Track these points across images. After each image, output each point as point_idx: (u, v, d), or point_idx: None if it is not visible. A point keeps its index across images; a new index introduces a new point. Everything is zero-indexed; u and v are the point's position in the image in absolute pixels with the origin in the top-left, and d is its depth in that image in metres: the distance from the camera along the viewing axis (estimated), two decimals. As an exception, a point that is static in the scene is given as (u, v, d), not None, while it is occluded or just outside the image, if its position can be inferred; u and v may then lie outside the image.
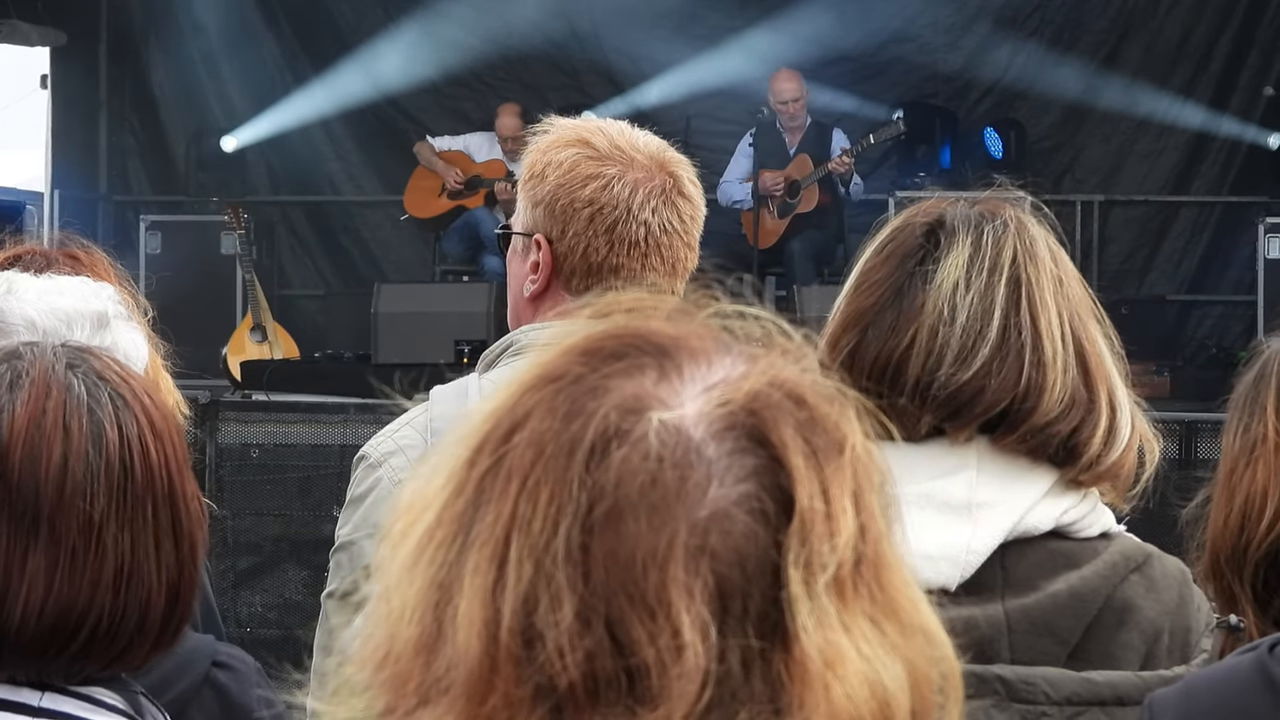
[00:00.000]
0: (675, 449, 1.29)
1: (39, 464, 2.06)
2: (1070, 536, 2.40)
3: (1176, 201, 14.86)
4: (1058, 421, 2.40)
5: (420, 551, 1.32)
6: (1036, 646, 2.33)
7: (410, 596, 1.31)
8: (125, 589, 2.07)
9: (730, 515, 1.28)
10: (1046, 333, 2.42)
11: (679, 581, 1.27)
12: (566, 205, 3.11)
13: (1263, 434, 2.50)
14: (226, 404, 10.26)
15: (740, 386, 1.32)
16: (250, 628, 9.07)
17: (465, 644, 1.28)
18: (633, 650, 1.27)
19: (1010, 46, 14.79)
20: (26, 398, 2.08)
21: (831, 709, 1.28)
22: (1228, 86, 14.65)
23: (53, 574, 2.04)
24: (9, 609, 2.03)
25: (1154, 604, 2.38)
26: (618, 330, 1.35)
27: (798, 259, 12.93)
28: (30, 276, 2.78)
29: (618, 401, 1.30)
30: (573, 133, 3.17)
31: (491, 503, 1.30)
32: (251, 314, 13.55)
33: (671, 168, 3.14)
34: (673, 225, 3.11)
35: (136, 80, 15.60)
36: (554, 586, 1.27)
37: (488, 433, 1.33)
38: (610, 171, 3.10)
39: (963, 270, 2.44)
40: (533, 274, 3.14)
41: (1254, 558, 2.45)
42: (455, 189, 13.69)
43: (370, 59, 14.96)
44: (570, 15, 14.98)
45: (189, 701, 2.46)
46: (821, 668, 1.28)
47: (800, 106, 13.23)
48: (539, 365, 1.35)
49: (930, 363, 2.41)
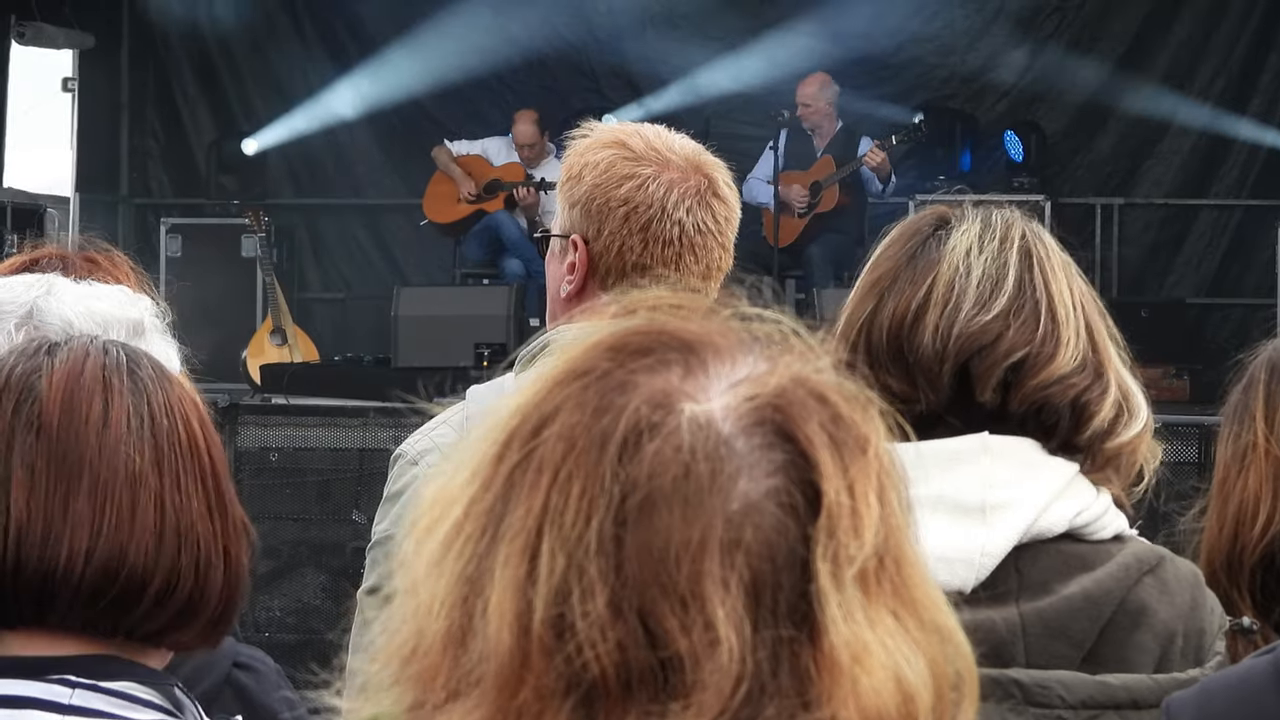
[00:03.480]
0: (706, 442, 1.30)
1: (78, 413, 2.08)
2: (1084, 539, 2.40)
3: (1196, 205, 14.83)
4: (1072, 376, 2.42)
5: (448, 546, 1.33)
6: (1051, 650, 2.34)
7: (439, 590, 1.32)
8: (180, 549, 2.09)
9: (761, 508, 1.30)
10: (1059, 296, 2.46)
11: (713, 574, 1.28)
12: (602, 205, 3.15)
13: (1252, 441, 2.52)
14: (246, 407, 10.27)
15: (766, 383, 1.33)
16: (269, 632, 9.08)
17: (496, 636, 1.28)
18: (666, 642, 1.27)
19: (1029, 49, 14.77)
20: (65, 357, 2.12)
21: (859, 702, 1.28)
22: (1247, 89, 14.62)
23: (99, 520, 2.06)
24: (53, 552, 2.05)
25: (1167, 607, 2.38)
26: (643, 327, 1.36)
27: (817, 262, 12.93)
28: (70, 281, 2.82)
29: (647, 396, 1.32)
30: (610, 135, 3.22)
31: (522, 496, 1.31)
32: (271, 317, 13.57)
33: (707, 170, 3.18)
34: (707, 226, 3.15)
35: (158, 83, 15.63)
36: (586, 578, 1.28)
37: (515, 428, 1.34)
38: (646, 172, 3.14)
39: (975, 239, 2.48)
40: (569, 274, 3.18)
41: (1249, 564, 2.47)
42: (470, 198, 13.70)
43: (391, 62, 14.97)
44: (590, 19, 15.00)
45: (211, 702, 2.46)
46: (849, 661, 1.29)
47: (815, 111, 13.24)
48: (565, 361, 1.36)
49: (949, 309, 2.44)
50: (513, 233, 13.46)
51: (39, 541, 2.05)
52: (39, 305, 2.74)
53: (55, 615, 2.08)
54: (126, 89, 15.56)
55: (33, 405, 2.09)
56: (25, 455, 2.07)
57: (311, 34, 15.49)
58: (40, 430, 2.08)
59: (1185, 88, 14.55)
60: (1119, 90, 14.56)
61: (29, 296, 2.75)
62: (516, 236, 13.41)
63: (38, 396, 2.10)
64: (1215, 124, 14.52)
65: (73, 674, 2.08)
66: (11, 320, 2.71)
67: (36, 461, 2.07)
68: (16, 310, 2.73)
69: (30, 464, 2.07)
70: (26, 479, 2.06)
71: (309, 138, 15.09)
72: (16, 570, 2.05)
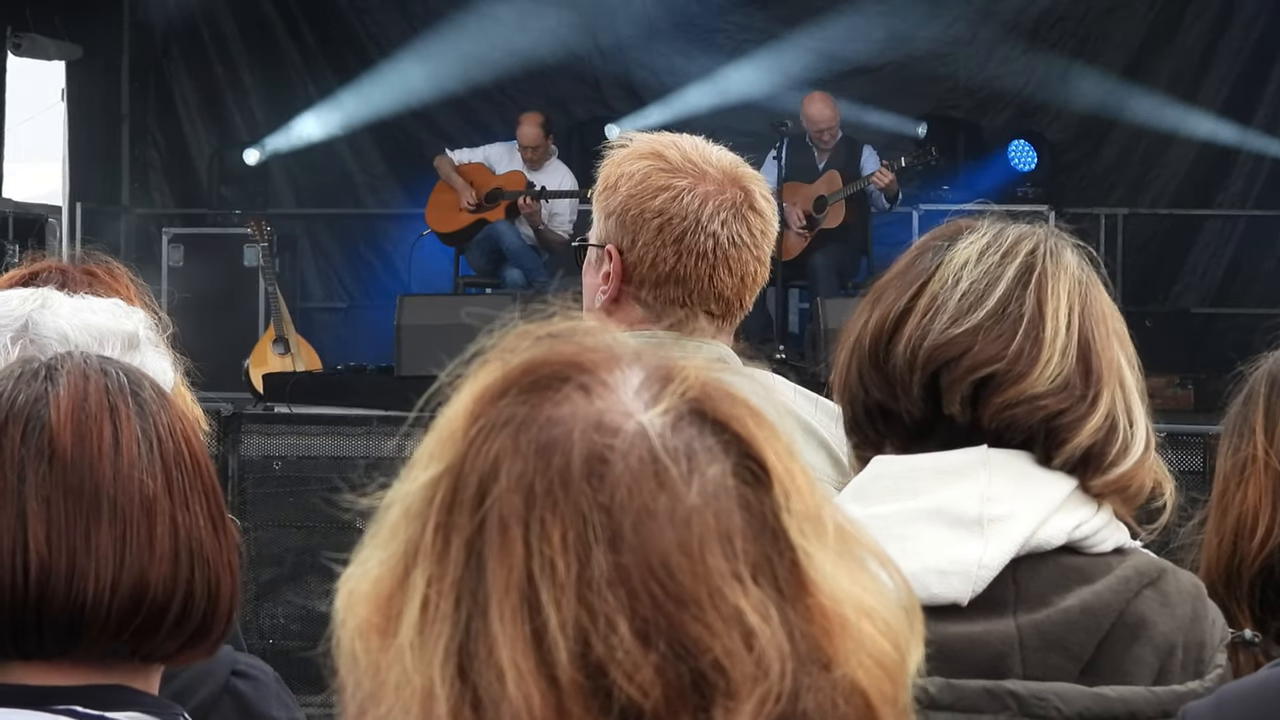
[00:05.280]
0: (660, 447, 1.30)
1: (90, 442, 2.07)
2: (1083, 551, 2.38)
3: (1200, 215, 14.83)
4: (1045, 397, 2.37)
5: (423, 628, 1.30)
6: (1048, 662, 2.32)
7: (433, 672, 1.29)
8: (193, 568, 2.08)
9: (731, 491, 1.30)
10: (1050, 315, 2.40)
11: (721, 569, 1.28)
12: (637, 215, 3.17)
13: (1252, 454, 2.51)
14: (249, 416, 10.26)
15: (669, 380, 1.34)
16: (272, 639, 9.08)
17: (520, 693, 1.26)
18: (700, 650, 1.26)
19: (1032, 59, 14.78)
20: (68, 384, 2.10)
21: (867, 649, 1.30)
22: (1252, 99, 14.62)
23: (121, 549, 2.05)
24: (81, 586, 2.03)
25: (1168, 619, 2.36)
26: (517, 367, 1.35)
27: (821, 272, 12.93)
28: (65, 294, 2.82)
29: (580, 423, 1.31)
30: (647, 145, 3.22)
31: (492, 558, 1.29)
32: (274, 326, 13.57)
33: (744, 183, 3.19)
34: (742, 239, 3.16)
35: (159, 93, 15.66)
36: (602, 613, 1.26)
37: (447, 499, 1.32)
38: (681, 184, 3.15)
39: (975, 252, 2.45)
40: (604, 284, 3.20)
41: (1248, 576, 2.46)
42: (470, 207, 13.70)
43: (393, 72, 15.00)
44: (593, 28, 15.02)
45: (209, 710, 2.47)
46: (845, 611, 1.30)
47: (827, 131, 13.23)
48: (463, 423, 1.34)
49: (926, 320, 2.41)
50: (513, 242, 13.46)
51: (64, 576, 2.03)
52: (34, 319, 2.74)
53: (82, 648, 2.07)
54: (127, 99, 15.58)
55: (42, 434, 2.07)
56: (40, 487, 2.05)
57: (313, 43, 15.51)
58: (53, 460, 2.06)
59: (1190, 98, 14.55)
60: (1123, 100, 14.56)
61: (24, 310, 2.75)
62: (517, 246, 13.42)
63: (46, 425, 2.08)
64: (1220, 134, 14.52)
65: (80, 705, 2.06)
66: (7, 334, 2.72)
67: (52, 494, 2.05)
68: (11, 324, 2.73)
69: (46, 496, 2.05)
70: (43, 511, 2.04)
71: (311, 147, 15.10)
72: (41, 604, 2.04)
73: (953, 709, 2.27)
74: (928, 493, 2.35)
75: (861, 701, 1.30)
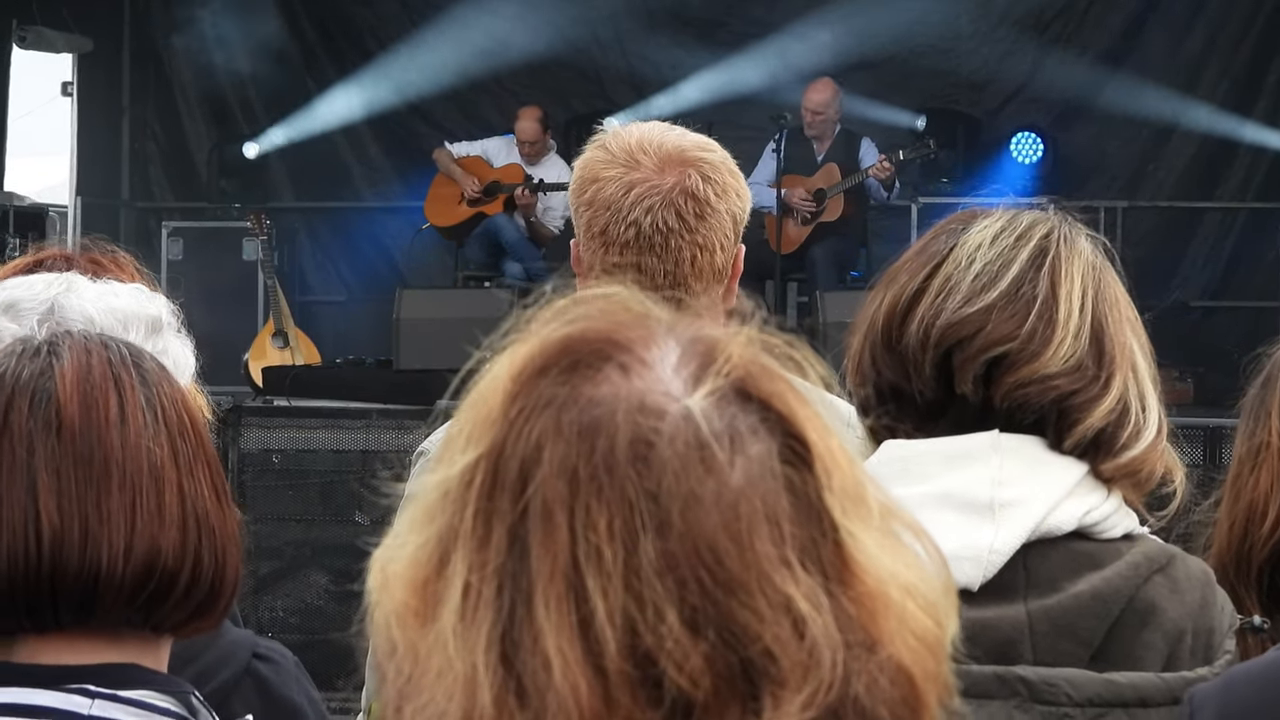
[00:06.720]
0: (703, 428, 1.27)
1: (96, 412, 2.09)
2: (1093, 537, 2.38)
3: (1200, 207, 14.82)
4: (1057, 378, 2.37)
5: (468, 614, 1.28)
6: (1058, 648, 2.32)
7: (475, 659, 1.26)
8: (200, 536, 2.10)
9: (775, 472, 1.28)
10: (1064, 297, 2.41)
11: (770, 555, 1.25)
12: (576, 208, 3.20)
13: (1266, 439, 2.50)
14: (248, 409, 10.27)
15: (710, 357, 1.31)
16: (272, 632, 9.08)
17: (567, 683, 1.24)
18: (750, 639, 1.24)
19: (1032, 51, 14.78)
20: (71, 357, 2.12)
21: (908, 627, 1.28)
22: (1253, 92, 14.61)
23: (132, 516, 2.06)
24: (95, 554, 2.04)
25: (1177, 605, 2.36)
26: (554, 343, 1.33)
27: (820, 264, 12.91)
28: (88, 279, 2.83)
29: (622, 404, 1.28)
30: (607, 137, 3.22)
31: (537, 545, 1.26)
32: (273, 320, 13.58)
33: (686, 167, 3.14)
34: (668, 225, 3.11)
35: (159, 86, 15.65)
36: (650, 602, 1.24)
37: (488, 483, 1.29)
38: (610, 174, 3.14)
39: (990, 235, 2.45)
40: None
41: (1257, 562, 2.45)
42: (474, 197, 13.70)
43: (393, 65, 14.99)
44: (593, 21, 15.01)
45: (230, 692, 2.47)
46: (890, 591, 1.28)
47: (824, 118, 13.21)
48: (501, 402, 1.31)
49: (939, 300, 2.42)
50: (512, 236, 13.45)
51: (77, 545, 2.05)
52: (60, 302, 2.75)
53: (97, 618, 2.08)
54: (127, 92, 15.58)
55: (49, 406, 2.09)
56: (50, 459, 2.07)
57: (313, 37, 15.50)
58: (61, 431, 2.08)
59: (1190, 90, 14.54)
60: (1123, 92, 14.55)
61: (50, 294, 2.77)
62: (515, 239, 13.41)
63: (52, 397, 2.09)
64: (1220, 127, 14.51)
65: (92, 683, 2.07)
66: (34, 316, 2.73)
67: (62, 464, 2.07)
68: (38, 307, 2.75)
69: (55, 467, 2.06)
70: (53, 483, 2.06)
71: (310, 141, 15.09)
72: (55, 575, 2.05)
73: (963, 695, 2.26)
74: (938, 477, 2.35)
75: (906, 681, 1.28)
